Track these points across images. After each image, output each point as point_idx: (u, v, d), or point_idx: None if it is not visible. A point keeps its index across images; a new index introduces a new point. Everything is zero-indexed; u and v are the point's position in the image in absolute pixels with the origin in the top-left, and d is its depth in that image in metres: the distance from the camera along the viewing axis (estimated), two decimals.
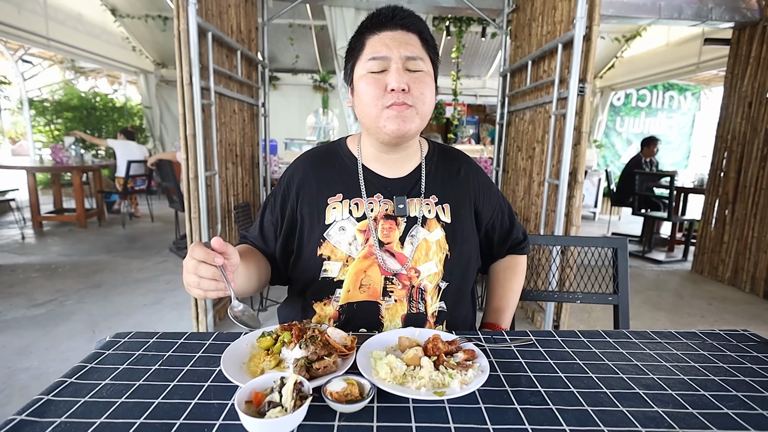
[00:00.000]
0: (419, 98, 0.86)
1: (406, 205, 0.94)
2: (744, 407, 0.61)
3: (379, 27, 0.87)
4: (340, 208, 0.94)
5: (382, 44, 0.86)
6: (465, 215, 0.99)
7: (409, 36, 0.87)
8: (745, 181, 3.65)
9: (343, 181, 0.97)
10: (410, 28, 0.88)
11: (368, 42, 0.88)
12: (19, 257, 3.93)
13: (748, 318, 3.10)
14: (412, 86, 0.85)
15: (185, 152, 2.23)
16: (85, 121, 7.23)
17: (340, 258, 0.92)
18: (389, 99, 0.85)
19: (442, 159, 1.04)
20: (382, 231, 0.93)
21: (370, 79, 0.86)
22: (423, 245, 0.93)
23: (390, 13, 0.87)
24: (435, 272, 0.93)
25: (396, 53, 0.85)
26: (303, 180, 0.98)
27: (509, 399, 0.61)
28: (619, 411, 0.59)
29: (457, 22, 5.65)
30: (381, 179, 0.97)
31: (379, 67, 0.86)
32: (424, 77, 0.87)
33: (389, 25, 0.87)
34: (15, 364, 2.15)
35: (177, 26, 2.11)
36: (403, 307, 0.92)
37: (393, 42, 0.86)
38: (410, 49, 0.86)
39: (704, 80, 7.43)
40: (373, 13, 0.89)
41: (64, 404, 0.58)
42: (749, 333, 0.87)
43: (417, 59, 0.86)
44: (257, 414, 0.53)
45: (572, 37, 2.17)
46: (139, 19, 6.32)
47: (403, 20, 0.87)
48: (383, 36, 0.87)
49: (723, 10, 3.49)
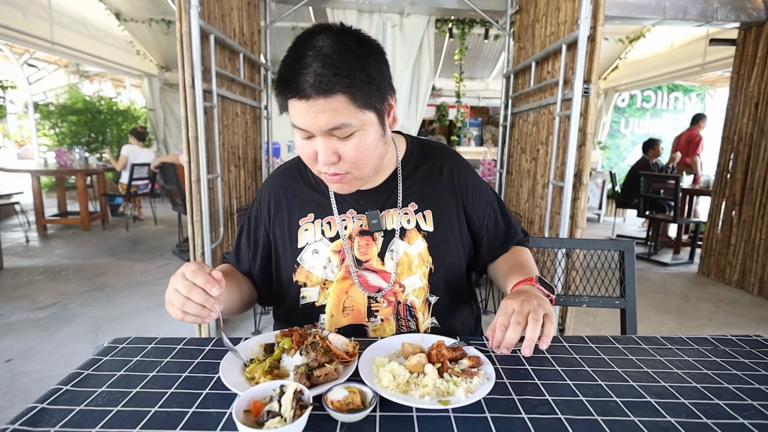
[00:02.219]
0: (353, 164, 0.77)
1: (380, 220, 0.88)
2: (760, 417, 0.59)
3: (296, 93, 0.70)
4: (312, 229, 0.90)
5: (301, 116, 0.72)
6: (451, 220, 0.92)
7: (331, 102, 0.70)
8: (752, 183, 3.61)
9: (314, 199, 0.92)
10: (330, 92, 0.69)
11: (290, 103, 0.73)
12: (23, 260, 3.94)
13: (756, 321, 3.06)
14: (343, 154, 0.75)
15: (188, 155, 2.22)
16: (90, 124, 7.27)
17: (316, 282, 0.89)
18: (323, 168, 0.78)
19: (421, 159, 0.95)
20: (358, 249, 0.88)
21: (299, 141, 0.77)
22: (404, 260, 0.88)
23: (308, 75, 0.69)
24: (420, 286, 0.89)
25: (315, 128, 0.72)
26: (274, 201, 0.94)
27: (516, 408, 0.59)
28: (630, 421, 0.57)
29: (459, 24, 5.64)
30: (352, 194, 0.89)
31: (305, 135, 0.76)
32: (355, 138, 0.75)
33: (307, 93, 0.69)
34: (18, 367, 2.15)
35: (179, 29, 2.10)
36: (391, 326, 0.88)
37: (311, 114, 0.71)
38: (335, 119, 0.71)
39: (709, 81, 7.38)
40: (294, 68, 0.70)
41: (59, 413, 0.57)
42: (762, 339, 0.85)
43: (343, 127, 0.72)
44: (256, 424, 0.52)
45: (576, 38, 2.15)
46: (143, 22, 6.36)
47: (320, 87, 0.69)
48: (301, 106, 0.71)
49: (728, 10, 3.46)
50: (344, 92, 0.70)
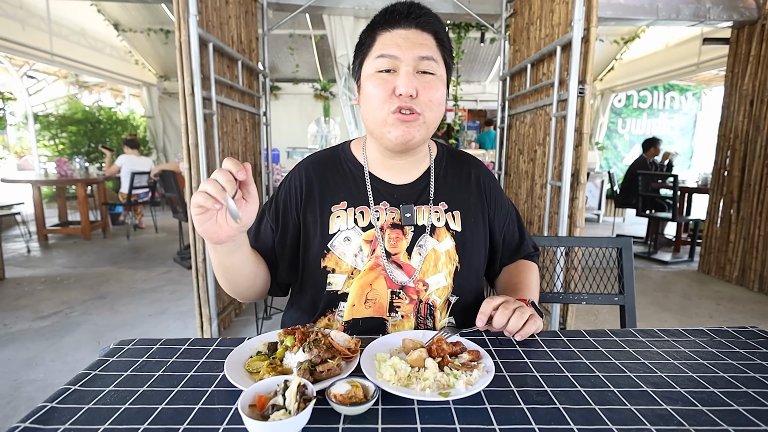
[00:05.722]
0: (427, 105, 0.81)
1: (413, 214, 0.89)
2: (755, 403, 0.60)
3: (392, 24, 0.81)
4: (344, 216, 0.89)
5: (394, 43, 0.80)
6: (476, 223, 0.94)
7: (423, 36, 0.81)
8: (749, 180, 3.63)
9: (348, 189, 0.92)
10: (426, 28, 0.81)
11: (379, 38, 0.82)
12: (25, 270, 3.95)
13: (757, 317, 3.06)
14: (421, 91, 0.80)
15: (188, 162, 2.24)
16: (90, 134, 7.30)
17: (345, 270, 0.87)
18: (396, 103, 0.80)
19: (452, 163, 0.98)
20: (388, 241, 0.88)
21: (377, 79, 0.81)
22: (432, 256, 0.88)
23: (405, 9, 0.81)
24: (444, 285, 0.89)
25: (408, 54, 0.79)
26: (306, 186, 0.93)
27: (515, 399, 0.61)
28: (627, 409, 0.58)
29: (455, 29, 5.70)
30: (387, 186, 0.92)
31: (388, 66, 0.80)
32: (434, 82, 0.82)
33: (403, 22, 0.81)
34: (21, 376, 2.15)
35: (178, 37, 2.13)
36: (410, 322, 0.88)
37: (405, 42, 0.80)
38: (423, 49, 0.80)
39: (705, 80, 7.43)
40: (387, 8, 0.82)
41: (68, 411, 0.58)
42: (758, 330, 0.86)
43: (430, 59, 0.81)
44: (261, 417, 0.53)
45: (570, 39, 2.18)
46: (141, 32, 6.42)
47: (419, 18, 0.81)
48: (395, 34, 0.81)
49: (721, 10, 3.50)
50: (435, 33, 0.83)
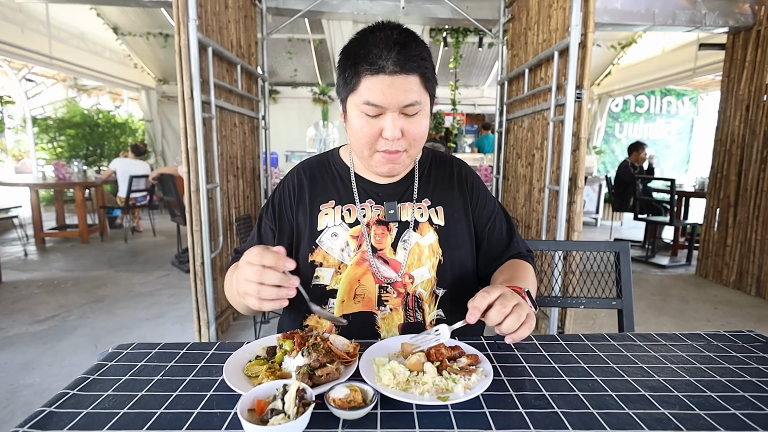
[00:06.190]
0: (412, 142, 0.85)
1: (397, 210, 0.93)
2: (751, 407, 0.61)
3: (376, 69, 0.78)
4: (332, 213, 0.94)
5: (379, 91, 0.78)
6: (459, 219, 0.97)
7: (408, 80, 0.79)
8: (746, 184, 3.65)
9: (336, 189, 0.98)
10: (411, 71, 0.79)
11: (364, 81, 0.79)
12: (22, 273, 3.94)
13: (754, 321, 3.07)
14: (406, 130, 0.82)
15: (186, 165, 2.24)
16: (88, 138, 7.30)
17: (332, 264, 0.91)
18: (382, 145, 0.84)
19: (435, 164, 1.03)
20: (374, 237, 0.93)
21: (364, 120, 0.82)
22: (416, 249, 0.92)
23: (389, 54, 0.77)
24: (428, 278, 0.92)
25: (394, 103, 0.79)
26: (297, 188, 0.99)
27: (514, 403, 0.61)
28: (625, 413, 0.59)
29: (454, 33, 5.73)
30: (372, 185, 0.98)
31: (374, 112, 0.81)
32: (418, 118, 0.83)
33: (387, 68, 0.77)
34: (18, 380, 2.14)
35: (178, 42, 2.14)
36: (399, 316, 0.90)
37: (391, 90, 0.78)
38: (410, 95, 0.79)
39: (701, 85, 7.48)
40: (371, 50, 0.78)
41: (67, 416, 0.58)
42: (755, 334, 0.87)
43: (415, 104, 0.80)
44: (260, 422, 0.53)
45: (568, 45, 2.20)
46: (140, 36, 6.43)
47: (405, 64, 0.78)
48: (380, 81, 0.78)
49: (717, 16, 3.52)
50: (419, 73, 0.80)
